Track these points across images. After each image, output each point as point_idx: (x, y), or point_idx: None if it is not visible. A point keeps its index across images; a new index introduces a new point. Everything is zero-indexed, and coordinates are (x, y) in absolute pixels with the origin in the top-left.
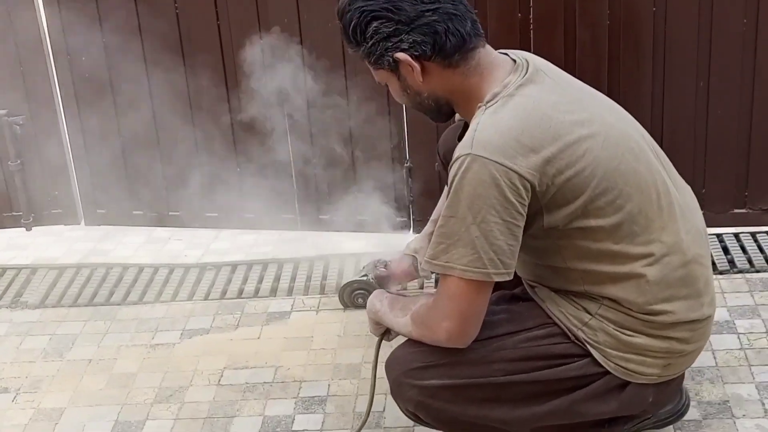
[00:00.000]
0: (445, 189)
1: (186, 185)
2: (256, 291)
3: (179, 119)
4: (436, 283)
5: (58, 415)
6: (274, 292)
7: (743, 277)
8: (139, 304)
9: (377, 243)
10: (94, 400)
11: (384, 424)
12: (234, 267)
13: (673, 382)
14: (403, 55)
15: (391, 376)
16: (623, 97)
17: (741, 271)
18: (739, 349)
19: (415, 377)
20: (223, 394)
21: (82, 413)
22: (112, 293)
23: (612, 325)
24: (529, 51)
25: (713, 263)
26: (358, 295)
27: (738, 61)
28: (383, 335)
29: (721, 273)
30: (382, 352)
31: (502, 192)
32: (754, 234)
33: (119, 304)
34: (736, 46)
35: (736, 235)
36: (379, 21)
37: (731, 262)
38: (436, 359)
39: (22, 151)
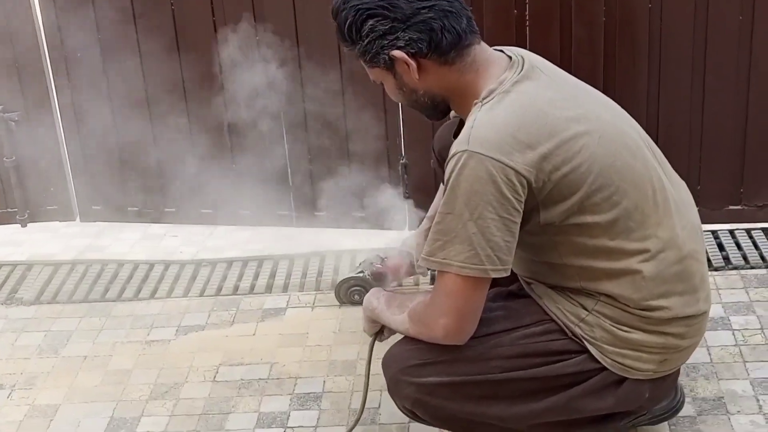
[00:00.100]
0: (441, 186)
1: (181, 182)
2: (252, 287)
3: (175, 115)
4: (433, 279)
5: (53, 412)
6: (269, 289)
7: (738, 274)
8: (135, 301)
9: (373, 240)
10: (89, 396)
11: (379, 420)
12: (229, 263)
13: (668, 378)
14: (399, 53)
15: (388, 373)
16: (619, 93)
17: (736, 268)
18: (734, 345)
19: (412, 374)
20: (218, 391)
21: (77, 410)
22: (107, 290)
23: (608, 321)
24: (525, 48)
25: (708, 260)
26: (354, 291)
27: (733, 57)
28: (377, 335)
29: (716, 269)
30: (377, 351)
31: (498, 188)
32: (749, 230)
33: (114, 301)
34: (731, 43)
35: (732, 231)
36: (374, 19)
37: (726, 259)
38: (433, 356)
39: (18, 148)
